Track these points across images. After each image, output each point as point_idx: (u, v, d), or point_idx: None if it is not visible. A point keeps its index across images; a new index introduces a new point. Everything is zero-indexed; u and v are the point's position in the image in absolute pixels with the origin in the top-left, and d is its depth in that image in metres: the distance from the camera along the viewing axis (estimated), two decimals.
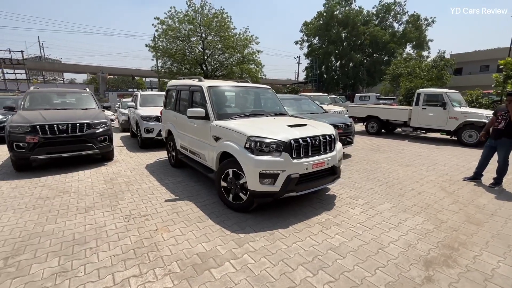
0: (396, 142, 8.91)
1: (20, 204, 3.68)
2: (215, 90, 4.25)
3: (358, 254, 2.50)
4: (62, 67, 50.89)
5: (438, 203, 3.76)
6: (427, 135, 10.38)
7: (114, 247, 2.61)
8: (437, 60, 20.38)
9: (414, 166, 5.70)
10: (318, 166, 3.31)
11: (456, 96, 8.95)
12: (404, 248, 2.61)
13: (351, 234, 2.87)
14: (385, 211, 3.48)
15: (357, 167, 5.66)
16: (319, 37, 34.98)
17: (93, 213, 3.38)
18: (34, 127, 4.96)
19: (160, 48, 22.81)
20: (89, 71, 47.14)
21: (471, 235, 2.87)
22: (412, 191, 4.23)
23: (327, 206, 3.64)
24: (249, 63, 24.91)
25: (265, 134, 3.17)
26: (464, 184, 4.57)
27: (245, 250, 2.58)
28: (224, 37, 22.54)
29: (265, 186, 3.05)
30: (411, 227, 3.03)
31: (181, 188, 4.35)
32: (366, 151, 7.28)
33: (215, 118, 3.89)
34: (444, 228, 3.02)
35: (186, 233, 2.91)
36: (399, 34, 32.24)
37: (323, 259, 2.43)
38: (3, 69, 20.92)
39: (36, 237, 2.81)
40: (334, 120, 6.32)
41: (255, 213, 3.37)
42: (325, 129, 3.66)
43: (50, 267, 2.30)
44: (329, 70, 35.86)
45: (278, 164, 3.05)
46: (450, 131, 8.52)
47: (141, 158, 6.46)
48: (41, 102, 6.27)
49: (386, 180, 4.77)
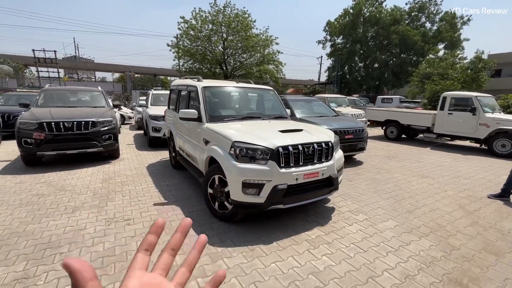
0: (417, 149, 8.20)
1: (15, 200, 3.74)
2: (210, 90, 4.08)
3: (343, 282, 2.18)
4: (94, 66, 53.99)
5: (453, 224, 3.28)
6: (453, 142, 9.49)
7: (84, 254, 2.51)
8: (474, 61, 18.67)
9: (432, 178, 5.13)
10: (311, 176, 3.00)
11: (488, 101, 8.05)
12: (400, 279, 2.23)
13: (340, 256, 2.54)
14: (387, 230, 3.08)
15: (366, 176, 5.21)
16: (344, 36, 33.75)
17: (79, 214, 3.34)
18: (41, 124, 5.10)
19: (181, 48, 23.25)
20: (118, 70, 49.52)
21: (487, 268, 2.41)
22: (423, 207, 3.75)
23: (322, 220, 3.31)
24: (269, 63, 24.67)
25: (251, 139, 2.92)
26: (488, 203, 4.00)
27: (217, 267, 2.35)
28: (244, 37, 22.49)
29: (249, 197, 2.81)
30: (413, 253, 2.63)
31: (174, 191, 4.22)
32: (380, 158, 6.74)
33: (207, 120, 3.71)
34: (455, 257, 2.58)
35: (162, 242, 2.74)
36: (432, 33, 30.18)
37: (301, 285, 2.14)
38: (37, 68, 22.59)
39: (15, 237, 2.79)
40: (344, 125, 5.90)
41: (242, 223, 3.14)
42: (322, 135, 3.33)
43: (14, 271, 2.24)
44: (352, 70, 34.48)
45: (263, 173, 2.79)
46: (480, 139, 7.68)
47: (145, 157, 6.48)
48: (54, 100, 6.50)
49: (395, 192, 4.31)
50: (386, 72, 31.24)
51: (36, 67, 22.87)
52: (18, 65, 25.82)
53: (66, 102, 6.58)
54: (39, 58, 21.66)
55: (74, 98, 6.91)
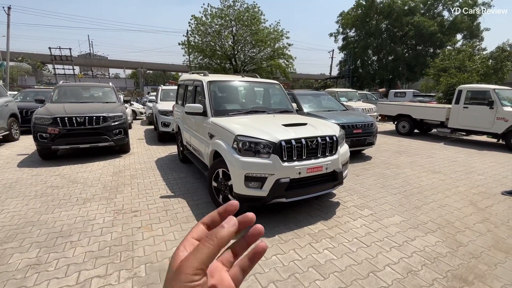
0: (430, 144, 7.96)
1: (31, 191, 3.93)
2: (215, 85, 4.10)
3: (343, 276, 2.17)
4: (108, 63, 55.14)
5: (462, 220, 3.18)
6: (468, 137, 9.14)
7: (92, 243, 2.62)
8: (498, 51, 17.71)
9: (443, 174, 4.98)
10: (314, 170, 2.98)
11: (507, 94, 7.67)
12: (402, 274, 2.21)
13: (342, 251, 2.53)
14: (392, 225, 3.03)
15: (374, 171, 5.12)
16: (356, 28, 32.87)
17: (89, 205, 3.47)
18: (55, 119, 5.29)
19: (191, 44, 23.37)
20: (130, 66, 50.43)
21: (495, 266, 2.34)
22: (432, 203, 3.66)
23: (326, 214, 3.29)
24: (279, 58, 24.43)
25: (254, 133, 2.93)
26: (501, 199, 3.85)
27: None
28: (254, 31, 22.33)
29: (251, 190, 2.83)
30: (418, 248, 2.58)
31: (180, 184, 4.30)
32: (390, 153, 6.59)
33: (212, 115, 3.74)
34: (461, 254, 2.52)
35: (167, 233, 2.82)
36: (448, 24, 28.85)
37: (300, 278, 2.15)
38: (54, 65, 23.36)
39: (30, 225, 2.94)
40: (353, 119, 5.80)
41: None
42: (326, 129, 3.29)
43: (28, 258, 2.36)
44: (365, 64, 33.60)
45: (266, 167, 2.80)
46: (497, 134, 7.35)
47: (155, 152, 6.61)
48: (68, 96, 6.71)
49: (404, 188, 4.22)
50: (401, 65, 30.25)
51: (53, 64, 23.65)
52: (36, 62, 26.80)
53: (79, 98, 6.78)
54: (55, 55, 22.38)
55: (87, 94, 7.11)
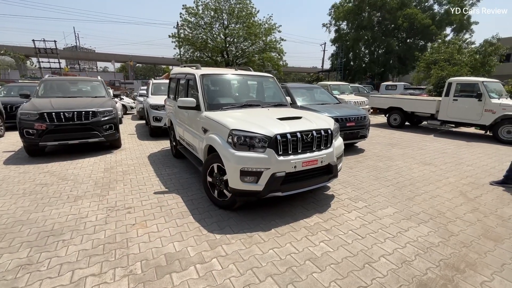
0: (420, 136, 8.10)
1: (19, 189, 3.81)
2: (208, 78, 4.02)
3: (339, 268, 2.20)
4: (95, 56, 53.58)
5: (453, 210, 3.26)
6: (457, 129, 9.35)
7: (86, 241, 2.56)
8: (484, 45, 17.99)
9: (434, 165, 5.08)
10: (309, 164, 2.98)
11: (495, 86, 7.85)
12: (397, 264, 2.25)
13: (338, 243, 2.56)
14: (386, 217, 3.08)
15: (367, 163, 5.19)
16: (348, 21, 32.83)
17: (81, 203, 3.39)
18: (42, 114, 5.11)
19: (182, 37, 22.89)
20: (119, 59, 49.11)
21: (485, 254, 2.41)
22: (424, 194, 3.73)
23: (321, 207, 3.32)
24: (271, 51, 24.25)
25: (249, 127, 2.89)
26: (490, 189, 3.96)
27: (215, 253, 2.39)
28: (246, 24, 22.03)
29: (247, 185, 2.81)
30: (411, 239, 2.63)
31: (174, 180, 4.25)
32: (383, 146, 6.68)
33: (206, 109, 3.68)
34: (453, 243, 2.58)
35: (162, 229, 2.79)
36: (438, 17, 29.11)
37: (298, 271, 2.16)
38: (39, 58, 22.50)
39: (19, 225, 2.85)
40: (346, 112, 5.83)
41: (241, 211, 3.16)
42: (321, 122, 3.29)
43: (18, 258, 2.30)
44: (357, 57, 33.71)
45: (262, 161, 2.78)
46: (485, 125, 7.54)
47: (147, 147, 6.51)
48: (54, 90, 6.49)
49: (396, 180, 4.29)
50: (392, 58, 30.48)
51: (37, 58, 22.77)
52: (19, 56, 25.76)
53: (66, 93, 6.56)
54: (40, 48, 21.53)
55: (74, 88, 6.89)
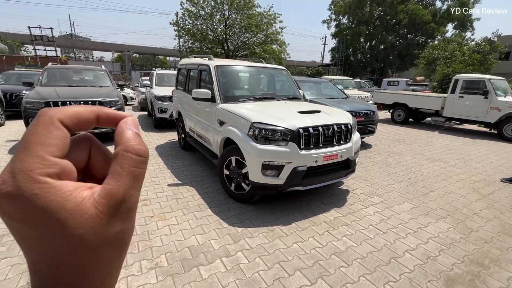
0: (425, 133, 8.14)
1: None
2: (223, 70, 3.94)
3: (366, 262, 2.20)
4: (91, 45, 52.34)
5: (469, 207, 3.29)
6: (461, 126, 9.41)
7: None
8: (481, 44, 17.98)
9: (443, 162, 5.11)
10: (330, 158, 2.96)
11: (501, 84, 7.88)
12: (422, 260, 2.26)
13: (360, 238, 2.56)
14: (404, 212, 3.09)
15: (377, 159, 5.19)
16: (349, 16, 32.56)
17: None
18: (48, 103, 4.99)
19: (182, 27, 22.49)
20: (116, 49, 48.16)
21: (506, 250, 2.44)
22: (437, 190, 3.75)
23: (338, 202, 3.31)
24: (272, 43, 23.97)
25: (271, 121, 2.85)
26: (501, 186, 4.00)
27: (240, 247, 2.37)
28: (247, 15, 21.69)
29: (268, 178, 2.79)
30: (433, 235, 2.65)
31: (186, 172, 4.21)
32: (389, 142, 6.70)
33: (221, 101, 3.61)
34: (474, 239, 2.60)
35: (182, 222, 2.76)
36: (440, 13, 28.99)
37: (325, 265, 2.16)
38: (34, 46, 21.93)
39: None
40: (356, 107, 5.80)
41: (258, 204, 3.14)
42: (341, 117, 3.25)
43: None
44: (356, 52, 33.57)
45: (284, 155, 2.75)
46: (490, 123, 7.59)
47: (153, 139, 6.42)
48: (58, 79, 6.33)
49: (408, 176, 4.30)
50: (392, 54, 30.42)
51: (33, 45, 22.19)
52: (14, 43, 25.07)
53: (70, 81, 6.41)
54: (36, 35, 20.94)
55: (78, 77, 6.73)
